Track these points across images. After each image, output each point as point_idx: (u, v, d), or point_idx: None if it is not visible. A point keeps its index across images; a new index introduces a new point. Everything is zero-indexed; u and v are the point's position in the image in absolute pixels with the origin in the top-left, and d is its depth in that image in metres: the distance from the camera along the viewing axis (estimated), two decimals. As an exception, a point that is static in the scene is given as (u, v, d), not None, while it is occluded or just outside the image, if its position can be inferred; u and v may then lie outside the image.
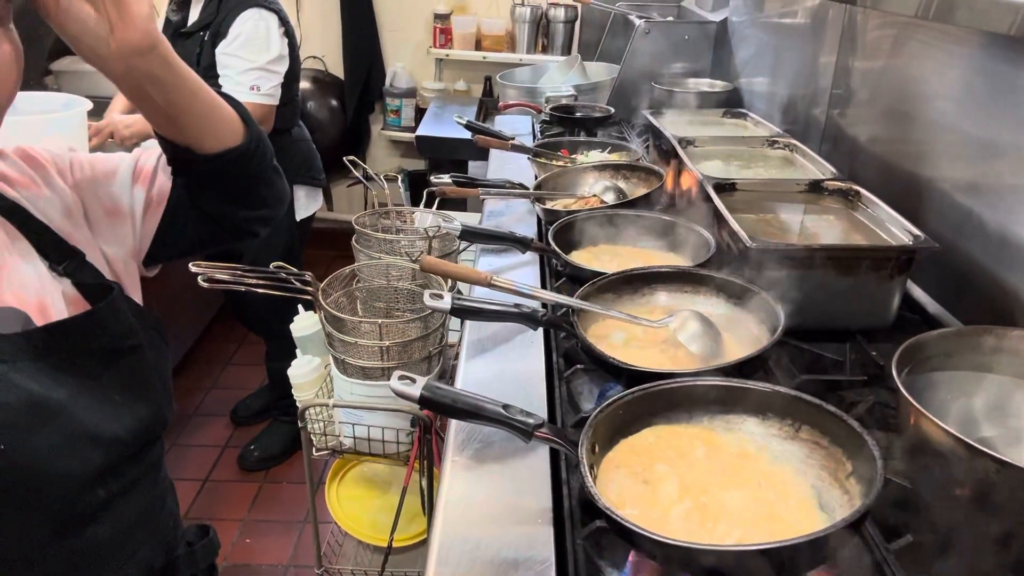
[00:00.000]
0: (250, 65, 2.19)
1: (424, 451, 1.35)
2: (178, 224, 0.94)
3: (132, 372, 0.81)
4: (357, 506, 1.62)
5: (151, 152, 0.96)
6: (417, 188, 1.89)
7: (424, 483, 1.39)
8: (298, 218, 2.55)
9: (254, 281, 1.32)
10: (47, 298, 0.77)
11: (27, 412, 0.70)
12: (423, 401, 0.76)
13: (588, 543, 0.74)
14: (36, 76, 2.92)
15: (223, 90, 0.90)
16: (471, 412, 0.76)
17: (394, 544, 1.47)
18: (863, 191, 1.25)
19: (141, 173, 0.92)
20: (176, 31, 2.31)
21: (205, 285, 1.27)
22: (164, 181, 0.93)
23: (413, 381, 0.76)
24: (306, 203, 2.59)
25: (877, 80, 1.46)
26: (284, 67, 2.29)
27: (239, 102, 0.89)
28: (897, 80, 1.37)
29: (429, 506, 1.42)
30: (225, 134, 0.86)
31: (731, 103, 2.19)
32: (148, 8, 0.70)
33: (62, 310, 0.78)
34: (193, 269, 1.28)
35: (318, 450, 1.47)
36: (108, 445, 0.76)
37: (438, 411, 0.80)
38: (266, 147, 0.93)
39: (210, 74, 2.21)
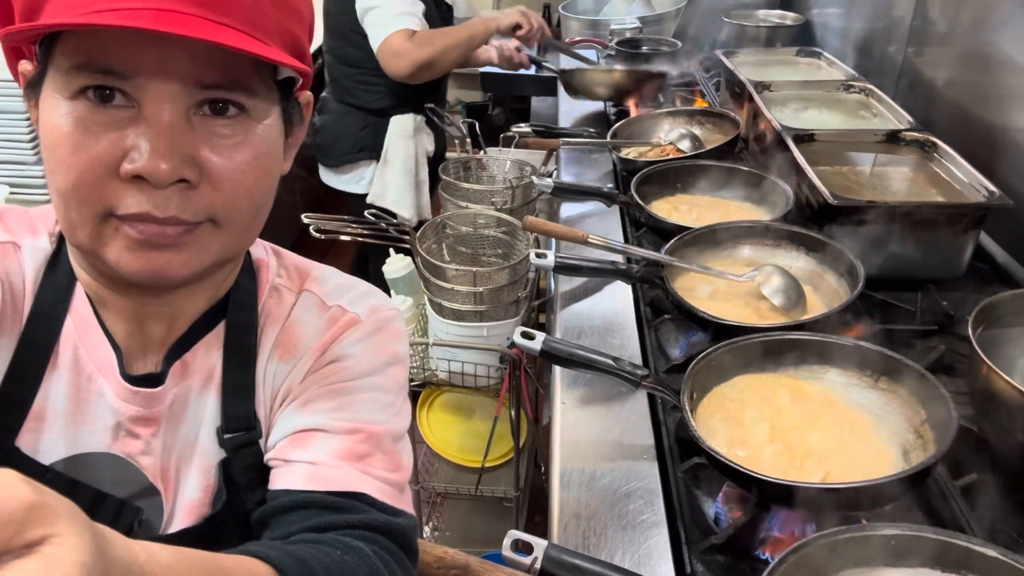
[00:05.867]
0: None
1: (513, 384, 1.49)
2: None
3: None
4: (446, 430, 1.78)
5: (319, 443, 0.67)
6: (478, 119, 1.93)
7: (512, 413, 1.53)
8: None
9: (358, 230, 1.44)
10: (172, 476, 0.67)
11: None
12: (543, 354, 0.87)
13: (687, 476, 0.86)
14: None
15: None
16: (585, 364, 0.87)
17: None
18: (940, 143, 1.28)
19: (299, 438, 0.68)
20: None
21: (317, 235, 1.39)
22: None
23: (533, 337, 0.88)
24: None
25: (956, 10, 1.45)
26: None
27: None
28: (978, 15, 1.37)
29: (516, 433, 1.57)
30: None
31: (803, 37, 2.17)
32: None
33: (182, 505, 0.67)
34: (305, 220, 1.40)
35: (414, 382, 1.62)
36: None
37: (556, 362, 0.91)
38: None
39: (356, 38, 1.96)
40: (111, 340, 0.66)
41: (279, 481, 0.66)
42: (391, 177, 2.09)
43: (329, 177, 2.19)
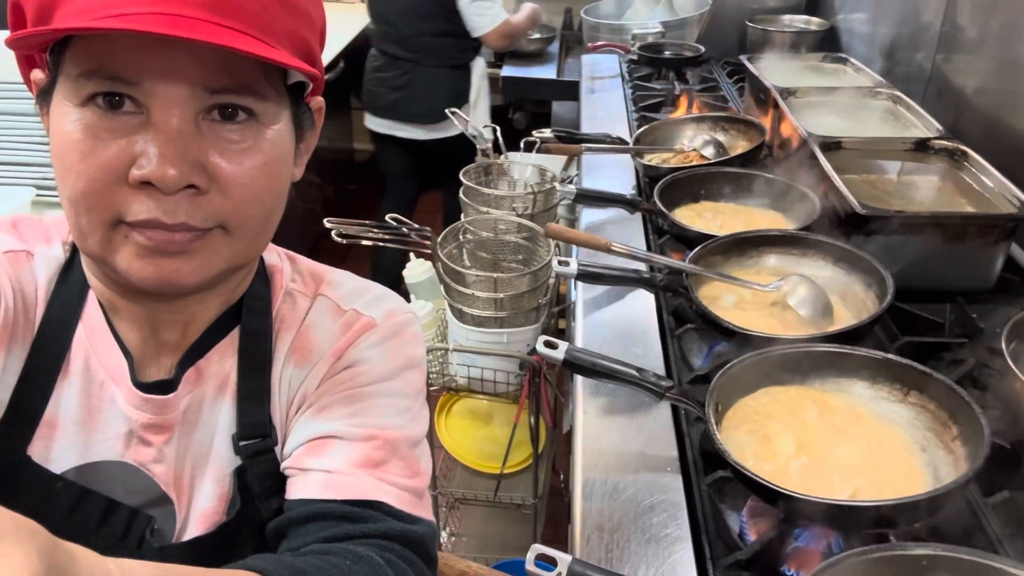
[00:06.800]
0: None
1: (532, 390, 1.48)
2: None
3: None
4: (464, 436, 1.78)
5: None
6: (499, 123, 1.94)
7: (532, 419, 1.52)
8: None
9: (380, 235, 1.44)
10: (186, 483, 0.67)
11: None
12: (566, 364, 0.86)
13: (711, 489, 0.84)
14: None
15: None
16: (608, 374, 0.86)
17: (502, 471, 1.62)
18: (969, 151, 1.26)
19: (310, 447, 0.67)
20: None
21: (338, 239, 1.39)
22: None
23: (556, 347, 0.87)
24: None
25: (986, 15, 1.43)
26: None
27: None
28: (1009, 21, 1.35)
29: (535, 440, 1.56)
30: None
31: (829, 43, 2.15)
32: None
33: (195, 512, 0.67)
34: (327, 224, 1.41)
35: (432, 387, 1.62)
36: None
37: (579, 372, 0.90)
38: None
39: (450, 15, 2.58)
40: (123, 347, 0.66)
41: (295, 490, 0.65)
42: (481, 111, 2.73)
43: (427, 133, 2.68)
